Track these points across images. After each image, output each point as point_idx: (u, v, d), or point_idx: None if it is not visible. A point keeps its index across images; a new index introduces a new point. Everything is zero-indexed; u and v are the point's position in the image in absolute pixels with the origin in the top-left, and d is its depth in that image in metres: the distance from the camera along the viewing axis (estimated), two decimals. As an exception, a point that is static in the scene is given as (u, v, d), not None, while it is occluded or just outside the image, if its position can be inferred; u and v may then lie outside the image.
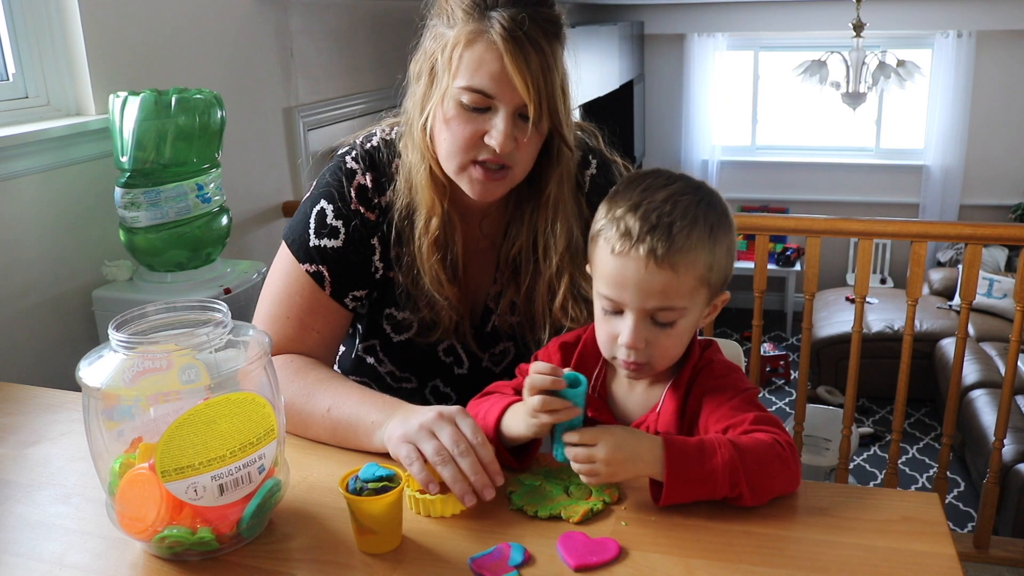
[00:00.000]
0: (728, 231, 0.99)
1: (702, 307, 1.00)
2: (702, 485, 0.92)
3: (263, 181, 2.60)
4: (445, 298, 1.20)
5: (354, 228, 1.19)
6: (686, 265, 0.94)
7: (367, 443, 1.08)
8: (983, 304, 4.98)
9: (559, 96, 1.09)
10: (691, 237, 0.94)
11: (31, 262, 1.83)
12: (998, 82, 5.78)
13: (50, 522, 0.98)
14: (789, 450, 0.94)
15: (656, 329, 0.97)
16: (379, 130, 1.24)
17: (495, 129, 1.07)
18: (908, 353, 2.48)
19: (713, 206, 0.98)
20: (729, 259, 1.00)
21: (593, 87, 4.64)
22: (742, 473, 0.91)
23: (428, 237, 1.17)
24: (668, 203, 0.95)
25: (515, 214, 1.23)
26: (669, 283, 0.94)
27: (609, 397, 1.09)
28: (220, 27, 2.35)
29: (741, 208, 6.45)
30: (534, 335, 1.27)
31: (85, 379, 0.86)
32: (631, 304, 0.96)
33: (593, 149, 1.28)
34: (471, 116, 1.08)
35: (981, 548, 2.55)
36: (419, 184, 1.16)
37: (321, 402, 1.12)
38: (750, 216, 4.25)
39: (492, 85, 1.05)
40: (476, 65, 1.05)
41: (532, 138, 1.10)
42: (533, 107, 1.06)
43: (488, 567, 0.86)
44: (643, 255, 0.93)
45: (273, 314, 1.21)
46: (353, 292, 1.22)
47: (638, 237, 0.94)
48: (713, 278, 0.98)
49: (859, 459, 4.50)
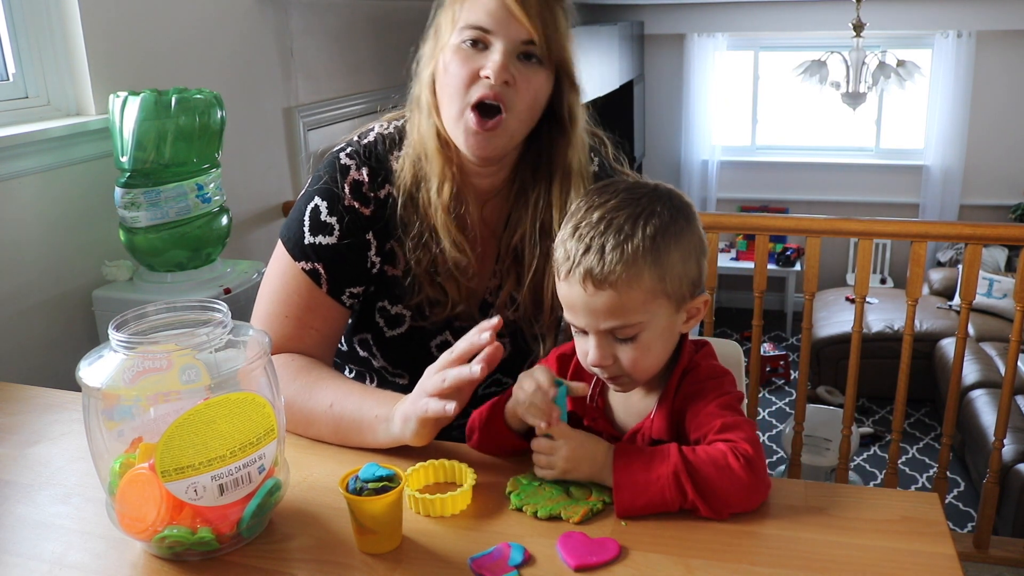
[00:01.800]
0: (678, 236, 0.96)
1: (667, 317, 0.97)
2: (647, 492, 0.93)
3: (263, 181, 2.60)
4: (465, 258, 1.19)
5: (348, 224, 1.19)
6: (627, 282, 0.93)
7: (371, 438, 1.08)
8: (983, 304, 4.98)
9: (565, 32, 1.10)
10: (625, 252, 0.92)
11: (31, 262, 1.83)
12: (998, 82, 5.78)
13: (50, 522, 0.98)
14: (746, 463, 0.91)
15: (620, 344, 0.97)
16: (377, 125, 1.25)
17: (490, 60, 1.08)
18: (908, 353, 2.48)
19: (657, 214, 0.95)
20: (687, 264, 0.97)
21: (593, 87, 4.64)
22: (690, 483, 0.91)
23: (442, 202, 1.17)
24: (602, 223, 0.95)
25: (518, 200, 1.23)
26: (613, 302, 0.93)
27: (606, 407, 1.10)
28: (220, 27, 2.35)
29: (741, 208, 6.46)
30: (536, 327, 1.27)
31: (85, 379, 0.86)
32: (586, 326, 0.97)
33: (596, 150, 1.28)
34: (469, 55, 1.09)
35: (981, 548, 2.55)
36: (430, 150, 1.16)
37: (323, 399, 1.12)
38: (750, 216, 4.25)
39: (488, 20, 1.07)
40: (475, 5, 1.08)
41: (534, 81, 1.10)
42: (537, 33, 1.07)
43: (488, 567, 0.86)
44: (580, 279, 0.94)
45: (271, 313, 1.21)
46: (350, 289, 1.22)
47: (575, 260, 0.94)
48: (669, 288, 0.95)
49: (859, 459, 4.50)
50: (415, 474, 1.01)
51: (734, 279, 6.19)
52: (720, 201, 6.51)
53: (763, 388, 5.30)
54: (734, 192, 6.48)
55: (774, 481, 0.98)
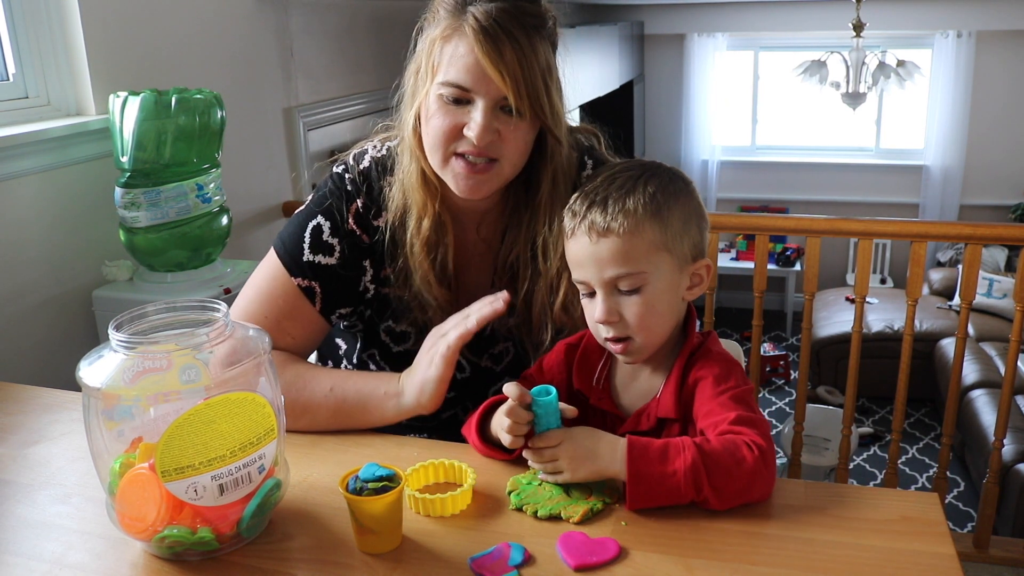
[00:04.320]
0: (677, 197, 1.02)
1: (670, 273, 1.02)
2: (663, 486, 0.92)
3: (263, 181, 2.60)
4: (434, 299, 1.20)
5: (349, 248, 1.20)
6: (629, 230, 0.99)
7: (379, 415, 1.11)
8: (983, 304, 4.98)
9: (541, 87, 1.08)
10: (626, 204, 1.00)
11: (31, 262, 1.83)
12: (998, 82, 5.78)
13: (50, 522, 0.98)
14: (759, 455, 0.92)
15: (625, 298, 1.01)
16: (371, 147, 1.25)
17: (473, 121, 1.07)
18: (908, 353, 2.48)
19: (657, 176, 1.03)
20: (687, 224, 1.03)
21: (593, 87, 4.64)
22: (705, 477, 0.91)
23: (419, 238, 1.17)
24: (606, 182, 1.03)
25: (512, 219, 1.23)
26: (616, 249, 0.99)
27: (612, 388, 1.11)
28: (220, 27, 2.35)
29: (741, 208, 6.46)
30: (533, 337, 1.27)
31: (85, 379, 0.86)
32: (592, 279, 1.02)
33: (589, 150, 1.28)
34: (450, 109, 1.08)
35: (981, 548, 2.55)
36: (411, 186, 1.17)
37: (322, 384, 1.14)
38: (750, 216, 4.25)
39: (466, 78, 1.06)
40: (451, 59, 1.07)
41: (519, 131, 1.10)
42: (512, 96, 1.06)
43: (488, 567, 0.86)
44: (586, 230, 1.01)
45: (249, 312, 1.21)
46: (340, 309, 1.23)
47: (580, 215, 1.02)
48: (670, 243, 1.01)
49: (859, 459, 4.50)
50: (415, 474, 1.01)
51: (734, 279, 6.19)
52: (720, 201, 6.51)
53: (763, 388, 5.30)
54: (734, 192, 6.48)
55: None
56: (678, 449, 0.93)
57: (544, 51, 1.09)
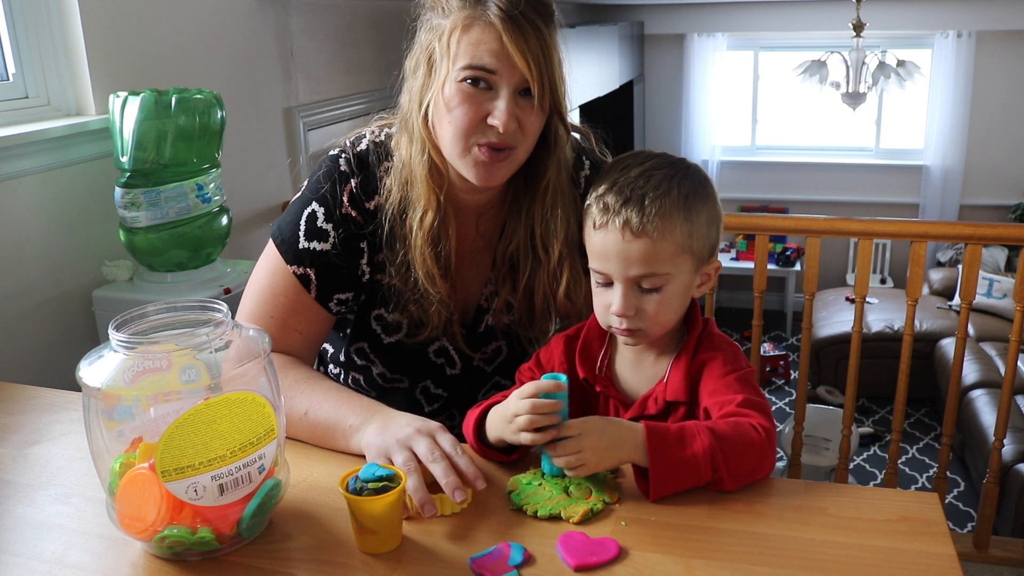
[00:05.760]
0: (706, 200, 1.05)
1: (689, 274, 1.05)
2: (684, 471, 0.94)
3: (263, 181, 2.60)
4: (437, 293, 1.19)
5: (344, 232, 1.19)
6: (662, 232, 1.00)
7: (344, 447, 1.09)
8: (983, 304, 4.98)
9: (558, 76, 1.11)
10: (663, 206, 1.01)
11: (31, 262, 1.83)
12: (998, 82, 5.78)
13: (50, 522, 0.98)
14: (766, 436, 0.96)
15: (644, 296, 1.03)
16: (368, 132, 1.24)
17: (497, 109, 1.07)
18: (908, 353, 2.48)
19: (689, 177, 1.05)
20: (710, 227, 1.06)
21: (593, 87, 4.64)
22: (721, 459, 0.94)
23: (423, 231, 1.17)
24: (641, 177, 1.03)
25: (512, 210, 1.23)
26: (647, 251, 1.01)
27: (614, 376, 1.13)
28: (220, 27, 2.35)
29: (741, 208, 6.46)
30: (531, 331, 1.27)
31: (85, 379, 0.86)
32: (616, 274, 1.03)
33: (585, 150, 1.28)
34: (473, 97, 1.07)
35: (981, 548, 2.55)
36: (417, 177, 1.16)
37: (299, 405, 1.13)
38: (750, 216, 4.25)
39: (493, 61, 1.06)
40: (476, 45, 1.07)
41: (535, 117, 1.10)
42: (535, 82, 1.07)
43: (488, 567, 0.86)
44: (619, 227, 1.01)
45: (256, 312, 1.21)
46: (338, 295, 1.22)
47: (614, 211, 1.02)
48: (695, 245, 1.04)
49: (859, 459, 4.50)
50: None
51: (734, 279, 6.19)
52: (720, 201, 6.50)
53: (763, 388, 5.29)
54: (734, 192, 6.48)
55: (774, 481, 1.00)
56: (693, 433, 0.95)
57: (556, 40, 1.11)
